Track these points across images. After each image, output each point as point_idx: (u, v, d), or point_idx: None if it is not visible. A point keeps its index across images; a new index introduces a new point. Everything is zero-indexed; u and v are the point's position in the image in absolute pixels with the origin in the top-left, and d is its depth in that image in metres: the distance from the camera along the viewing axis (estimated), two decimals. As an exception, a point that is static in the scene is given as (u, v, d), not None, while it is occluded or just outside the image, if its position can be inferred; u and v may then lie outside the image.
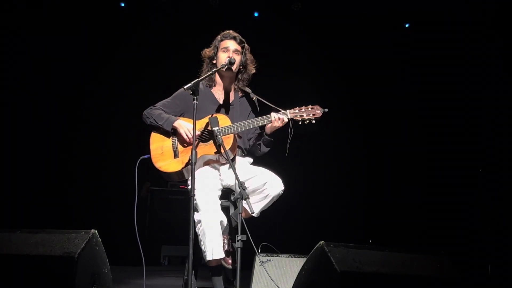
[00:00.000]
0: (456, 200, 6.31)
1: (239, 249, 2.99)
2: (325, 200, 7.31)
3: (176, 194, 7.20)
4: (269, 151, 3.81)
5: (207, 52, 3.86)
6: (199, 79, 3.33)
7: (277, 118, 3.56)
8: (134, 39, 7.09)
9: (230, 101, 3.87)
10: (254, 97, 3.85)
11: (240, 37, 3.84)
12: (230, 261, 3.49)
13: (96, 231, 2.82)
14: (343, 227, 6.94)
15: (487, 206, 5.88)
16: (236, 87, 3.88)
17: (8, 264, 2.69)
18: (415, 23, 7.21)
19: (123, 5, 7.07)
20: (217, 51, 3.81)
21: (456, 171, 6.39)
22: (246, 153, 3.88)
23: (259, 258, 3.71)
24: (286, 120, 3.57)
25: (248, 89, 3.84)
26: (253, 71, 3.89)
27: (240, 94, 3.91)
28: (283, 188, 3.60)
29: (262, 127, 3.69)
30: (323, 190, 7.35)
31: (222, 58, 3.74)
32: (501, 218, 5.75)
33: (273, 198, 3.58)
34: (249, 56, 3.87)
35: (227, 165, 3.62)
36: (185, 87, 3.21)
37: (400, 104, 7.17)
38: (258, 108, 3.90)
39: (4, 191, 6.16)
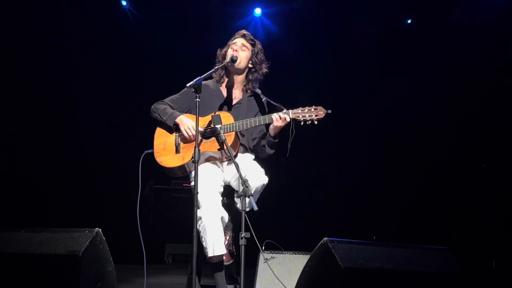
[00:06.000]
0: (460, 195, 6.30)
1: (242, 246, 2.98)
2: (329, 197, 7.32)
3: (179, 192, 7.22)
4: (273, 154, 3.78)
5: (220, 52, 3.88)
6: (201, 76, 3.31)
7: (278, 118, 3.53)
8: (141, 34, 7.14)
9: (238, 100, 3.87)
10: (264, 99, 3.85)
11: (251, 36, 3.86)
12: (228, 257, 3.51)
13: (100, 229, 2.82)
14: (347, 224, 6.94)
15: (491, 201, 5.87)
16: (245, 87, 3.88)
17: (13, 263, 2.69)
18: (417, 19, 7.21)
19: (124, 3, 7.08)
20: (228, 49, 3.83)
21: (459, 166, 6.38)
22: (250, 151, 3.86)
23: (263, 256, 3.71)
24: (288, 119, 3.53)
25: (258, 90, 3.84)
26: (265, 71, 3.88)
27: (249, 93, 3.90)
28: (265, 179, 3.54)
29: (267, 127, 3.67)
30: (326, 187, 7.35)
31: (228, 55, 3.75)
32: (505, 213, 5.74)
33: (256, 189, 3.48)
34: (260, 56, 3.85)
35: (228, 162, 3.63)
36: (188, 84, 3.21)
37: (401, 101, 7.16)
38: (267, 110, 3.89)
39: (7, 191, 6.18)
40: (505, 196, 5.81)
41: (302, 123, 3.53)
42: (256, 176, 3.51)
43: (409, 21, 7.33)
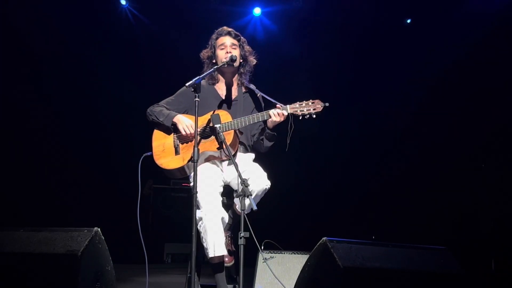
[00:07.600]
0: (459, 195, 6.30)
1: (241, 246, 2.98)
2: (328, 196, 7.32)
3: (178, 192, 7.23)
4: (272, 147, 3.78)
5: (205, 53, 3.87)
6: (201, 76, 3.31)
7: (277, 114, 3.53)
8: (140, 34, 7.14)
9: (234, 97, 3.86)
10: (259, 94, 3.84)
11: (235, 31, 3.84)
12: (230, 258, 3.51)
13: (99, 229, 2.82)
14: (346, 223, 6.94)
15: (491, 201, 5.86)
16: (239, 82, 3.87)
17: (12, 262, 2.69)
18: (416, 19, 7.21)
19: (123, 2, 7.07)
20: (215, 49, 3.81)
21: (459, 165, 6.37)
22: (250, 149, 3.85)
23: (262, 255, 3.71)
24: (286, 114, 3.53)
25: (252, 86, 3.83)
26: (254, 62, 3.88)
27: (244, 90, 3.90)
28: (267, 184, 3.53)
29: (265, 122, 3.67)
30: (325, 187, 7.35)
31: (221, 56, 3.74)
32: (504, 212, 5.74)
33: (257, 194, 3.50)
34: (247, 48, 3.86)
35: (228, 161, 3.63)
36: (187, 84, 3.22)
37: (401, 100, 7.15)
38: (263, 105, 3.89)
39: (6, 190, 6.17)
40: (504, 196, 5.80)
41: (300, 118, 3.52)
42: (258, 180, 3.50)
43: (408, 21, 7.33)
